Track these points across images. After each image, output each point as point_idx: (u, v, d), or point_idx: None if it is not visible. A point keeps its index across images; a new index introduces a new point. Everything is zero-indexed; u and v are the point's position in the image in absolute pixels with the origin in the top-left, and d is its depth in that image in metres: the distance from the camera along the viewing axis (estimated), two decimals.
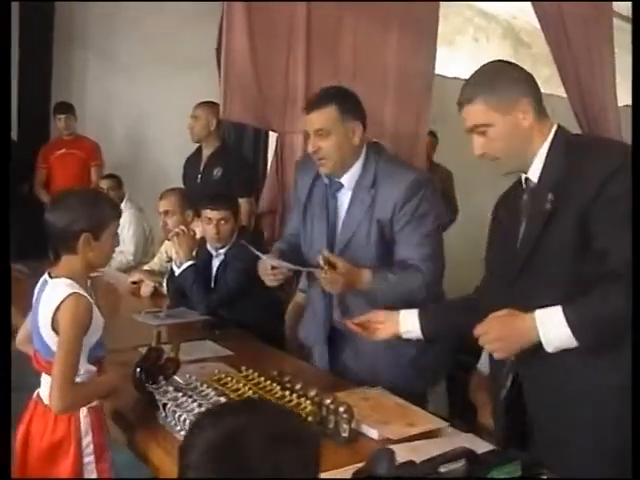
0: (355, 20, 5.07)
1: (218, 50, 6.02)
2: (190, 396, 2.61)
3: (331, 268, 3.05)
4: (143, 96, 7.94)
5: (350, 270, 3.07)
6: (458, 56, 9.80)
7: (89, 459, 2.58)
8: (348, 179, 3.27)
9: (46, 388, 2.59)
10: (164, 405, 2.59)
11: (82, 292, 2.52)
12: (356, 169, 3.25)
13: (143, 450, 2.60)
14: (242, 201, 5.02)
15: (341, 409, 2.50)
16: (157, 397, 2.63)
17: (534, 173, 2.42)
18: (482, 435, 2.70)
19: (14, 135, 7.34)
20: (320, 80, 4.72)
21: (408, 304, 3.12)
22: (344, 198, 3.30)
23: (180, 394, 2.62)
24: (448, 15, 8.92)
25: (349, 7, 4.97)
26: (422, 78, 5.22)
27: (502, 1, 8.36)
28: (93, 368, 2.61)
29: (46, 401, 2.59)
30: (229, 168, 5.62)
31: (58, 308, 2.48)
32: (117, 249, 5.64)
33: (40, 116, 7.66)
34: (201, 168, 5.77)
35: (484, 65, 2.52)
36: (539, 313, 2.24)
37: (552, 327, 2.21)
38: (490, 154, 2.42)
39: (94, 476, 2.59)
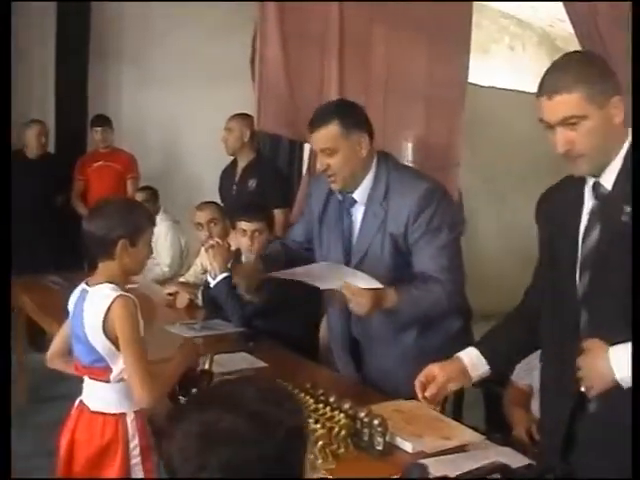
0: (386, 30, 5.07)
1: (252, 62, 6.04)
2: None
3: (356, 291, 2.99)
4: (177, 108, 7.97)
5: (374, 292, 2.99)
6: (493, 65, 9.75)
7: (136, 460, 2.66)
8: (360, 194, 3.22)
9: (91, 394, 2.70)
10: None
11: (127, 294, 2.62)
12: (367, 182, 3.20)
13: None
14: (277, 212, 5.02)
15: (375, 422, 2.49)
16: None
17: (607, 179, 2.21)
18: (518, 448, 2.67)
19: (51, 148, 7.43)
20: (353, 91, 4.72)
21: (429, 317, 3.18)
22: (358, 214, 3.27)
23: None
24: (483, 23, 8.90)
25: (380, 17, 4.96)
26: (455, 87, 5.19)
27: (522, 1, 8.18)
28: None
29: (91, 407, 2.69)
30: (264, 179, 5.62)
31: (107, 313, 2.56)
32: (153, 261, 5.78)
33: (77, 129, 7.72)
34: (236, 180, 5.78)
35: (568, 55, 2.31)
36: (615, 351, 2.04)
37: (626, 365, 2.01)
38: (575, 151, 2.16)
39: (141, 476, 2.66)
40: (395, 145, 4.88)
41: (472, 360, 2.58)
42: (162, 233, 6.27)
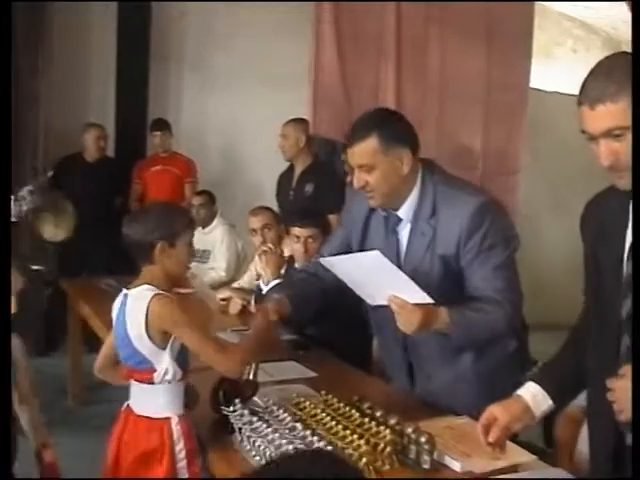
0: (444, 32, 5.00)
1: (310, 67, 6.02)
2: (266, 420, 2.55)
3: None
4: (238, 112, 7.97)
5: (425, 310, 2.78)
6: (556, 69, 9.59)
7: (182, 464, 2.63)
8: (406, 211, 3.00)
9: (137, 398, 2.70)
10: (239, 429, 2.53)
11: (163, 292, 2.63)
12: (413, 199, 2.98)
13: (216, 473, 2.58)
14: (333, 217, 4.96)
15: (422, 439, 2.40)
16: (232, 420, 2.58)
17: None
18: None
19: (111, 152, 7.48)
20: (410, 95, 4.65)
21: (486, 340, 3.01)
22: (404, 232, 3.05)
23: (255, 418, 2.57)
24: (545, 26, 8.73)
25: (437, 19, 4.88)
26: (515, 91, 5.09)
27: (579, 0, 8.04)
28: (180, 370, 2.65)
29: (136, 411, 2.68)
30: (321, 184, 5.58)
31: (147, 312, 2.57)
32: (208, 265, 5.76)
33: (137, 133, 7.77)
34: (293, 185, 5.76)
35: (612, 58, 2.07)
36: None
37: None
38: (620, 163, 1.98)
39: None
40: (454, 151, 4.78)
41: (534, 397, 2.42)
42: (218, 237, 6.27)
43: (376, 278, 2.85)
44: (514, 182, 4.91)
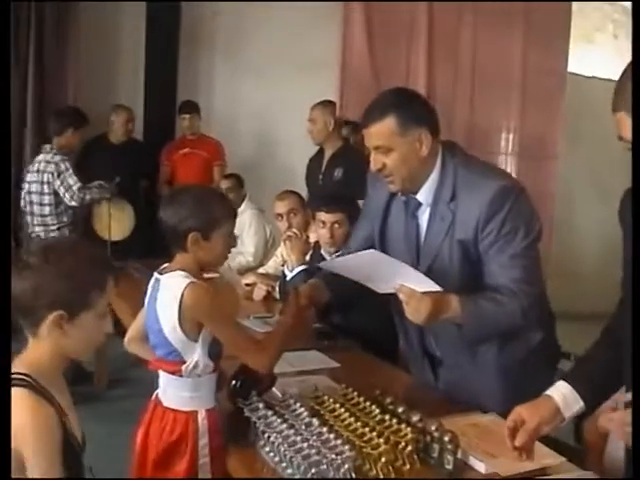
0: (476, 18, 4.87)
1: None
2: (281, 415, 2.43)
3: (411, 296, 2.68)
4: (270, 96, 7.89)
5: (435, 298, 2.66)
6: (597, 54, 9.39)
7: (204, 460, 2.50)
8: (425, 195, 2.87)
9: (164, 388, 2.58)
10: (254, 423, 2.42)
11: (199, 282, 2.47)
12: (432, 182, 2.84)
13: (230, 468, 2.47)
14: (361, 203, 4.85)
15: (446, 438, 2.27)
16: (247, 414, 2.46)
17: None
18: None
19: (139, 134, 7.41)
20: (441, 79, 4.53)
21: (502, 333, 2.87)
22: (424, 216, 2.92)
23: (270, 412, 2.45)
24: (585, 11, 8.53)
25: (470, 5, 4.74)
26: (553, 77, 4.95)
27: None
28: (211, 363, 2.50)
29: (164, 402, 2.57)
30: (350, 169, 5.46)
31: (181, 301, 2.41)
32: (236, 250, 5.66)
33: (166, 116, 7.69)
34: (322, 169, 5.65)
35: None
36: None
37: None
38: None
39: (209, 477, 2.51)
40: (487, 136, 4.65)
41: (565, 398, 2.27)
42: (246, 222, 6.17)
43: (381, 272, 2.75)
44: (552, 168, 4.77)
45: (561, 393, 2.27)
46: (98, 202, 5.86)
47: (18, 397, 1.90)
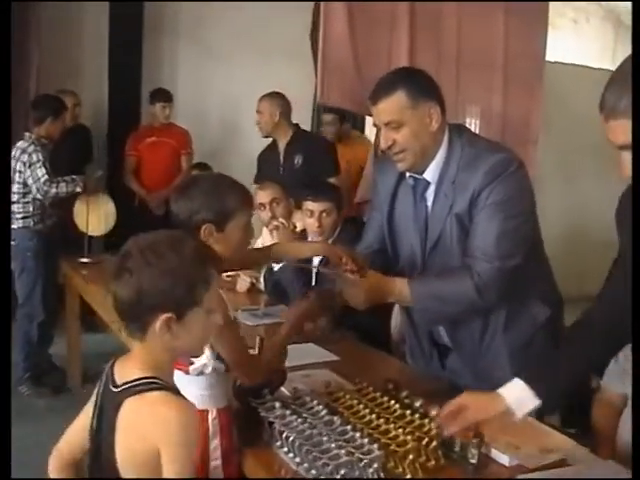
0: (458, 4, 4.82)
1: (312, 35, 5.84)
2: (299, 414, 2.36)
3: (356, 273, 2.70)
4: (235, 84, 7.81)
5: (370, 281, 2.70)
6: (558, 39, 9.41)
7: (216, 463, 2.37)
8: (432, 173, 2.82)
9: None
10: (270, 423, 2.35)
11: None
12: (439, 159, 2.80)
13: (246, 468, 2.38)
14: (333, 180, 4.96)
15: (470, 432, 2.22)
16: (262, 414, 2.39)
17: None
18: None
19: (104, 122, 7.28)
20: (424, 64, 4.44)
21: (460, 314, 2.84)
22: (431, 197, 2.87)
23: (288, 412, 2.37)
24: None
25: None
26: (533, 61, 4.92)
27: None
28: (222, 365, 2.37)
29: None
30: (308, 153, 5.47)
31: None
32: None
33: (131, 105, 7.55)
34: (281, 160, 5.59)
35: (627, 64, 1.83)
36: None
37: None
38: None
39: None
40: (469, 120, 4.62)
41: (519, 399, 2.20)
42: None
43: None
44: (533, 152, 4.75)
45: (515, 394, 2.22)
46: (66, 195, 5.68)
47: (157, 400, 1.82)
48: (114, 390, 1.89)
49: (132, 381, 1.85)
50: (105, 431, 1.89)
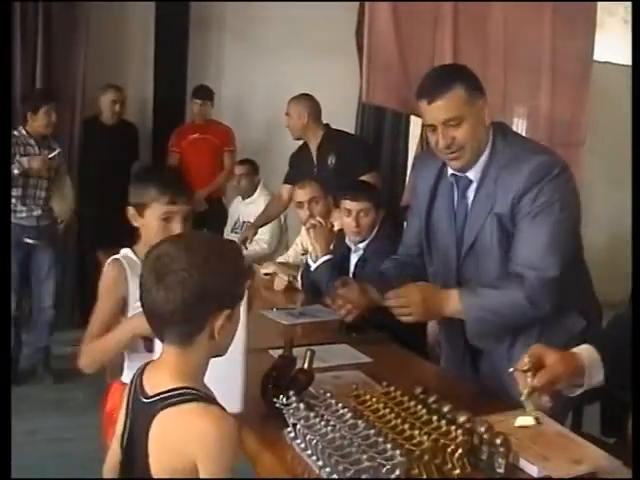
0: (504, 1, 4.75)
1: (358, 33, 5.81)
2: (322, 416, 2.31)
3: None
4: (280, 81, 7.73)
5: (426, 296, 2.70)
6: (608, 39, 9.25)
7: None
8: (475, 172, 2.80)
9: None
10: (294, 424, 2.31)
11: (122, 259, 2.63)
12: (484, 158, 2.78)
13: (266, 470, 2.34)
14: (367, 177, 4.91)
15: (498, 441, 2.16)
16: (286, 415, 2.35)
17: None
18: None
19: (149, 118, 7.30)
20: (468, 63, 4.37)
21: (514, 325, 2.80)
22: (471, 195, 2.84)
23: (312, 414, 2.32)
24: None
25: None
26: (580, 62, 4.83)
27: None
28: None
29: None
30: (342, 152, 5.37)
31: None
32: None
33: (176, 101, 7.56)
34: (314, 161, 5.50)
35: None
36: None
37: None
38: None
39: None
40: (516, 121, 4.55)
41: (591, 362, 2.15)
42: (261, 209, 6.06)
43: None
44: (580, 155, 4.66)
45: (589, 355, 2.17)
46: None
47: (193, 412, 1.76)
48: (145, 401, 1.84)
49: (166, 392, 1.80)
50: (138, 444, 1.83)
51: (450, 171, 2.88)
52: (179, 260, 1.75)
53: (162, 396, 1.79)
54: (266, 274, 4.78)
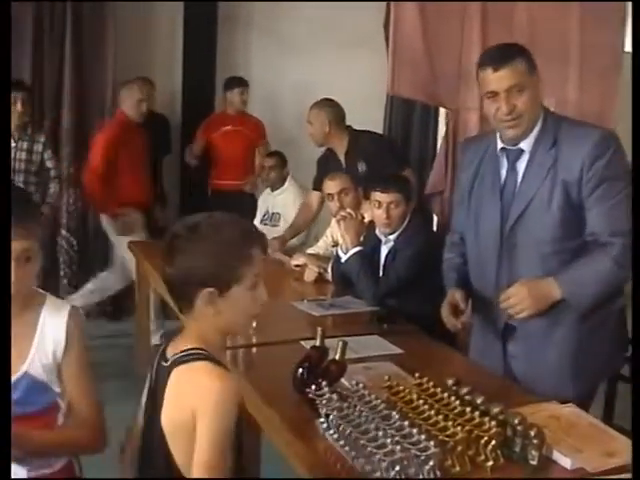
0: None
1: (386, 27, 5.77)
2: (355, 407, 2.33)
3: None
4: (308, 75, 7.72)
5: (531, 288, 2.84)
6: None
7: None
8: (528, 143, 2.94)
9: None
10: (327, 415, 2.33)
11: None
12: (536, 131, 2.93)
13: (299, 460, 2.38)
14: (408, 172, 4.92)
15: (532, 432, 2.17)
16: (319, 406, 2.37)
17: None
18: None
19: (178, 110, 7.30)
20: None
21: (607, 296, 2.89)
22: (522, 166, 2.97)
23: (345, 404, 2.34)
24: None
25: None
26: (609, 53, 4.80)
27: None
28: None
29: None
30: (370, 157, 5.17)
31: None
32: (279, 228, 5.57)
33: (204, 95, 7.56)
34: (344, 168, 5.34)
35: None
36: None
37: None
38: None
39: None
40: None
41: None
42: (290, 200, 6.08)
43: None
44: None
45: None
46: None
47: (200, 368, 1.89)
48: (164, 365, 1.97)
49: (180, 352, 1.93)
50: (157, 406, 1.94)
51: (500, 145, 3.02)
52: (179, 240, 1.95)
53: (177, 356, 1.94)
54: (297, 265, 4.79)
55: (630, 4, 4.89)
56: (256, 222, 6.21)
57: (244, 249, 1.96)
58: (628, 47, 6.97)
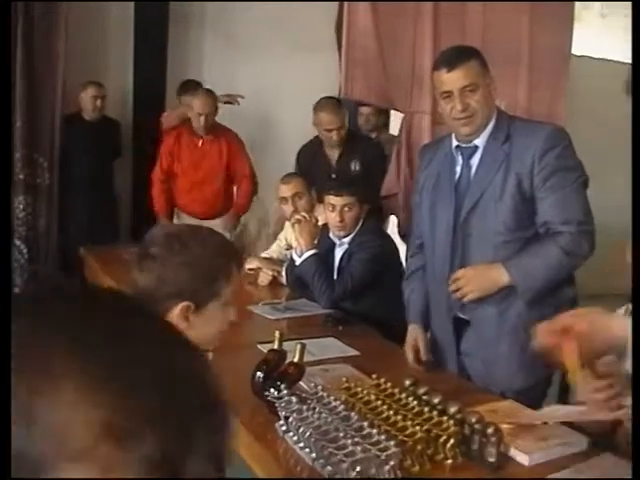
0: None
1: (337, 29, 5.80)
2: (314, 409, 2.34)
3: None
4: (260, 77, 7.70)
5: (478, 271, 2.94)
6: (584, 33, 9.29)
7: None
8: (482, 139, 3.04)
9: None
10: (286, 417, 2.33)
11: None
12: (489, 128, 3.03)
13: (259, 464, 2.37)
14: None
15: (489, 430, 2.20)
16: (278, 408, 2.37)
17: None
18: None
19: (129, 113, 7.26)
20: None
21: (554, 284, 2.97)
22: (475, 161, 3.06)
23: (305, 407, 2.35)
24: None
25: None
26: (557, 55, 4.87)
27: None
28: None
29: None
30: (366, 159, 5.22)
31: None
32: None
33: (155, 96, 7.50)
34: (333, 165, 5.34)
35: None
36: None
37: None
38: None
39: None
40: None
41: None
42: None
43: None
44: None
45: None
46: None
47: None
48: None
49: None
50: None
51: (455, 144, 3.11)
52: (156, 247, 1.88)
53: None
54: (250, 269, 4.78)
55: (576, 4, 5.02)
56: None
57: (226, 264, 1.93)
58: (575, 50, 7.11)
